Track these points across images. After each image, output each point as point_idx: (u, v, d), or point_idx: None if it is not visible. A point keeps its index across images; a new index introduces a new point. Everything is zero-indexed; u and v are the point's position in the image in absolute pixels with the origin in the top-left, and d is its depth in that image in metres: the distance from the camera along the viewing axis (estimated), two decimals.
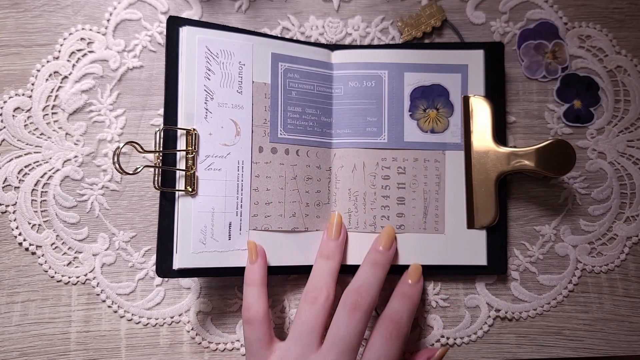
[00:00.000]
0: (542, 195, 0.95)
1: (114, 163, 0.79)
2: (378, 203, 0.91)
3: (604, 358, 0.94)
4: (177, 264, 0.82)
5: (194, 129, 0.84)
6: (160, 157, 0.83)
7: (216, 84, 0.86)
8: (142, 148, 0.82)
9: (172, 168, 0.83)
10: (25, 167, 0.90)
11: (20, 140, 0.91)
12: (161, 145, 0.84)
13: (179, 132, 0.84)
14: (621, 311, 0.93)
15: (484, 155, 0.91)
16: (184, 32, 0.85)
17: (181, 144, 0.84)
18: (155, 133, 0.84)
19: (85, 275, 0.90)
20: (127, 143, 0.81)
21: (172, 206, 0.84)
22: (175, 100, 0.85)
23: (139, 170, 0.81)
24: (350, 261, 0.90)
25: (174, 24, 0.86)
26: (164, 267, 0.83)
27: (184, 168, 0.83)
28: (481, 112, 0.91)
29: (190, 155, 0.83)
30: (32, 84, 0.92)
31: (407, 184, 0.91)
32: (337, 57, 0.93)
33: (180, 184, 0.83)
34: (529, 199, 0.94)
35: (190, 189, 0.83)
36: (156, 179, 0.83)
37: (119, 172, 0.80)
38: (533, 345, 0.92)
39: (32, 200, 0.90)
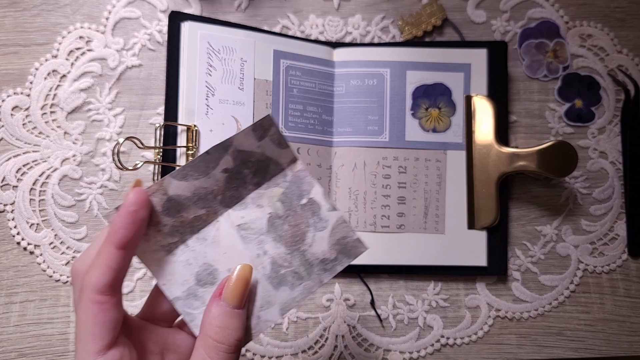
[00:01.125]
0: (543, 195, 0.94)
1: (113, 158, 0.79)
2: (378, 202, 0.91)
3: (605, 358, 0.94)
4: None
5: (194, 125, 0.84)
6: (160, 154, 0.83)
7: (217, 80, 0.86)
8: (142, 143, 0.81)
9: (172, 164, 0.83)
10: (23, 166, 0.90)
11: (19, 139, 0.90)
12: (161, 141, 0.83)
13: (180, 128, 0.84)
14: (622, 311, 0.93)
15: (486, 155, 0.90)
16: (186, 27, 0.85)
17: (181, 140, 0.84)
18: (156, 129, 0.83)
19: None
20: (127, 138, 0.81)
21: None
22: (176, 96, 0.85)
23: (138, 166, 0.81)
24: None
25: (176, 19, 0.86)
26: None
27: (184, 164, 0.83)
28: (484, 112, 0.91)
29: (190, 152, 0.83)
30: (31, 83, 0.91)
31: (407, 183, 0.91)
32: (339, 55, 0.93)
33: None
34: (530, 198, 0.94)
35: None
36: (156, 175, 0.83)
37: (119, 167, 0.80)
38: (534, 346, 0.92)
39: (31, 199, 0.89)
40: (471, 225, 0.91)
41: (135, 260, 0.88)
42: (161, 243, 0.59)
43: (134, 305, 0.89)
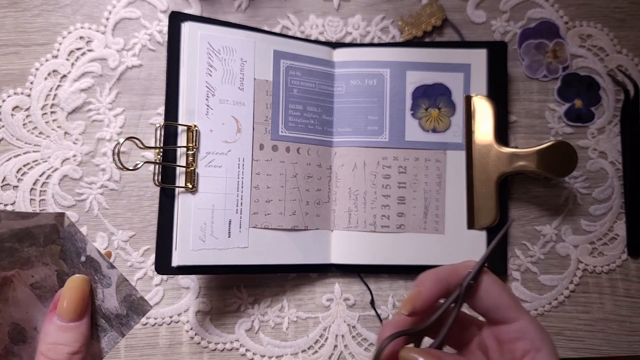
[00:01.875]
0: (543, 195, 0.94)
1: (114, 158, 0.79)
2: (378, 202, 0.91)
3: (605, 358, 0.94)
4: (176, 261, 0.82)
5: (195, 126, 0.84)
6: (161, 154, 0.83)
7: (218, 80, 0.86)
8: (142, 144, 0.81)
9: (172, 164, 0.83)
10: (24, 166, 0.90)
11: (19, 139, 0.90)
12: (162, 141, 0.83)
13: (180, 128, 0.84)
14: (622, 311, 0.93)
15: (486, 155, 0.90)
16: (186, 27, 0.85)
17: (182, 140, 0.84)
18: (156, 129, 0.83)
19: None
20: (127, 139, 0.81)
21: (171, 203, 0.83)
22: (177, 96, 0.85)
23: (139, 166, 0.81)
24: (348, 260, 0.91)
25: (176, 19, 0.86)
26: (163, 264, 0.82)
27: (184, 164, 0.83)
28: (483, 112, 0.91)
29: (190, 152, 0.83)
30: (31, 83, 0.91)
31: (407, 183, 0.91)
32: (338, 55, 0.93)
33: (181, 181, 0.83)
34: (530, 198, 0.94)
35: (190, 186, 0.82)
36: (156, 175, 0.83)
37: (119, 168, 0.80)
38: None
39: (31, 199, 0.90)
40: (471, 225, 0.91)
41: (136, 260, 0.89)
42: None
43: None
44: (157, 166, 0.83)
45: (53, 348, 0.55)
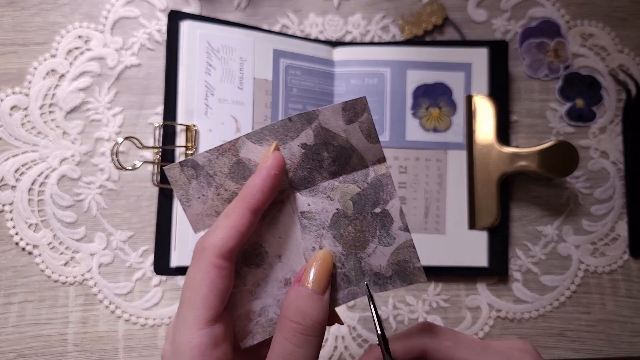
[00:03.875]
0: (544, 195, 0.94)
1: (112, 158, 0.78)
2: None
3: (606, 359, 0.93)
4: (174, 262, 0.82)
5: (193, 125, 0.83)
6: (160, 153, 0.83)
7: (217, 79, 0.85)
8: (141, 143, 0.81)
9: (171, 164, 0.83)
10: (22, 165, 0.89)
11: (17, 139, 0.90)
12: (160, 141, 0.83)
13: (179, 127, 0.84)
14: (623, 312, 0.92)
15: (487, 155, 0.90)
16: (185, 26, 0.85)
17: (180, 140, 0.83)
18: (155, 129, 0.83)
19: (83, 275, 0.89)
20: (126, 138, 0.80)
21: (170, 203, 0.83)
22: (175, 96, 0.84)
23: (137, 166, 0.81)
24: None
25: (175, 18, 0.85)
26: (162, 265, 0.83)
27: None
28: (484, 112, 0.91)
29: (189, 152, 0.83)
30: (29, 82, 0.91)
31: (408, 183, 0.91)
32: (338, 54, 0.92)
33: None
34: (531, 199, 0.94)
35: None
36: (155, 175, 0.82)
37: (118, 167, 0.79)
38: (535, 346, 0.91)
39: (29, 199, 0.89)
40: (472, 225, 0.91)
41: (134, 260, 0.88)
42: (217, 209, 0.57)
43: (133, 305, 0.89)
44: (155, 166, 0.83)
45: (299, 313, 0.53)
